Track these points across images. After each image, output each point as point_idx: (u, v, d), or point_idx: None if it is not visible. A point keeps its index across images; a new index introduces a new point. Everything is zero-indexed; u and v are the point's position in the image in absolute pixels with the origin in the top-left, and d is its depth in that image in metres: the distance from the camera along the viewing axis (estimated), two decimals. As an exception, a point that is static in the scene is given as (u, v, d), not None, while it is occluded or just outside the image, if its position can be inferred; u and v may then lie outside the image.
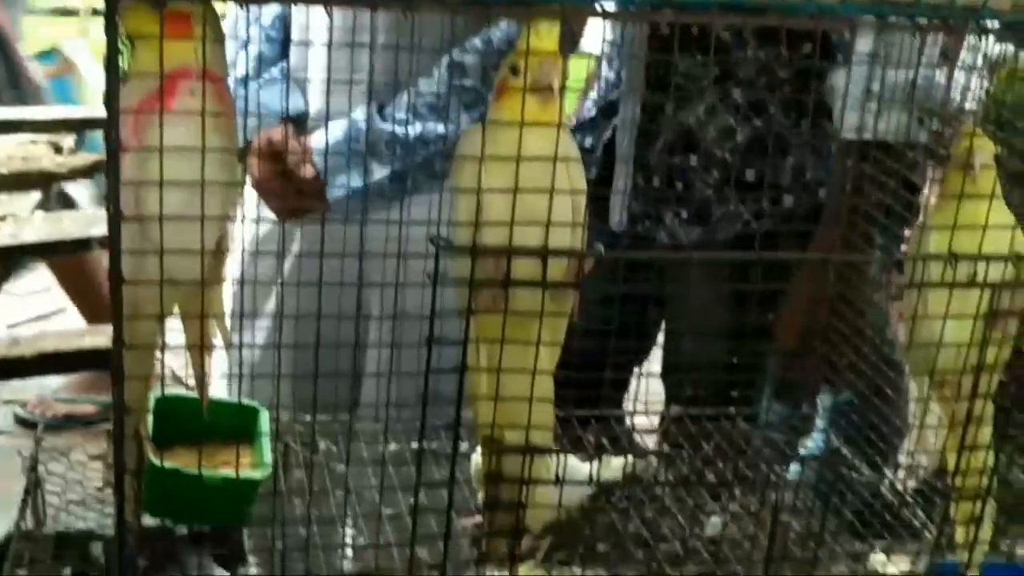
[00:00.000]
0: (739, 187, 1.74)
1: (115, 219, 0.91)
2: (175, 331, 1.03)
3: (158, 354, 1.02)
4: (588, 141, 1.90)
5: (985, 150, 1.08)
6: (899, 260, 1.13)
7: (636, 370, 1.88)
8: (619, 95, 1.85)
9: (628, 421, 1.64)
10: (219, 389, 1.19)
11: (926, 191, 1.49)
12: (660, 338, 1.96)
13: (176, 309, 1.02)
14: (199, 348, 1.00)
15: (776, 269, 1.34)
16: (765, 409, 1.75)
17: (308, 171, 1.51)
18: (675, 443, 1.57)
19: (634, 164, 1.78)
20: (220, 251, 0.99)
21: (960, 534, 1.14)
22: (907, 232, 1.45)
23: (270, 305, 1.57)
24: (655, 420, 1.60)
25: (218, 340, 1.05)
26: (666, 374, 1.86)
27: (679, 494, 1.46)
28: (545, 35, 0.99)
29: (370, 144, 1.51)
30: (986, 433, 1.21)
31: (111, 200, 0.91)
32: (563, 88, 1.01)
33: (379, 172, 1.54)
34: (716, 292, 1.68)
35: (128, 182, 0.91)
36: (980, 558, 1.26)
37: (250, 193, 1.70)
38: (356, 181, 1.49)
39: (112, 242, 0.91)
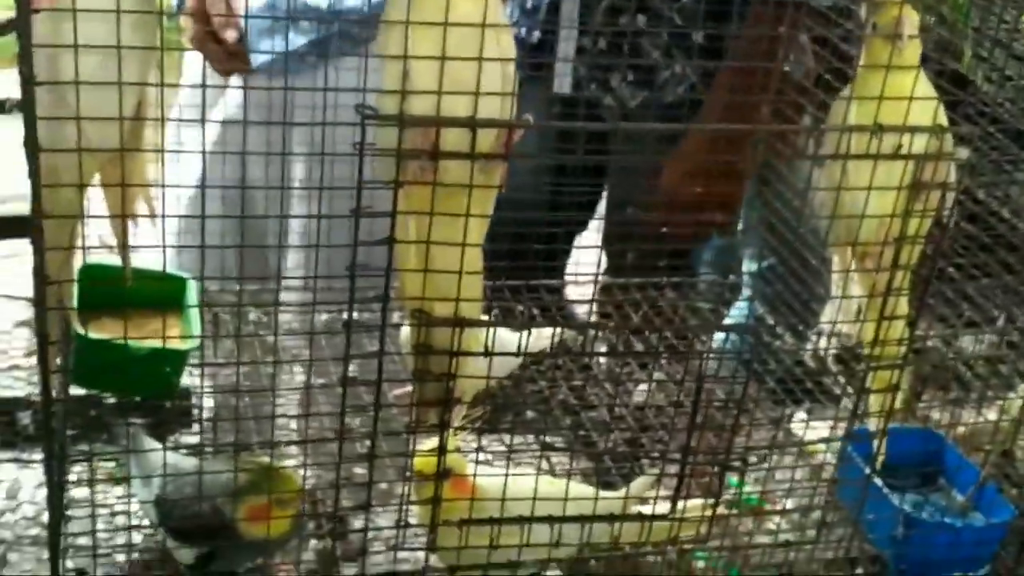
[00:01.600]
0: (686, 49, 1.73)
1: (28, 83, 0.88)
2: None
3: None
4: (530, 1, 1.87)
5: (912, 20, 1.08)
6: (823, 129, 1.13)
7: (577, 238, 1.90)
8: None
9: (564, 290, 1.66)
10: (150, 260, 1.18)
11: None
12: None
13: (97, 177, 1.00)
14: (121, 217, 0.98)
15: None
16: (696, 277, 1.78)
17: (231, 35, 1.49)
18: (606, 313, 1.60)
19: (579, 26, 1.76)
20: (139, 117, 0.96)
21: (876, 402, 1.18)
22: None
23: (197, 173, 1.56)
24: (588, 290, 1.62)
25: (143, 209, 1.04)
26: (608, 242, 1.88)
27: (608, 363, 1.49)
28: None
29: (290, 11, 1.50)
30: (904, 304, 1.24)
31: (23, 62, 0.87)
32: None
33: (299, 39, 1.54)
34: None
35: (41, 44, 0.88)
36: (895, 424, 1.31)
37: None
38: (278, 47, 1.48)
39: (26, 107, 0.88)
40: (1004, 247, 1.43)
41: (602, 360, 1.50)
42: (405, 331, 1.16)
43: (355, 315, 0.98)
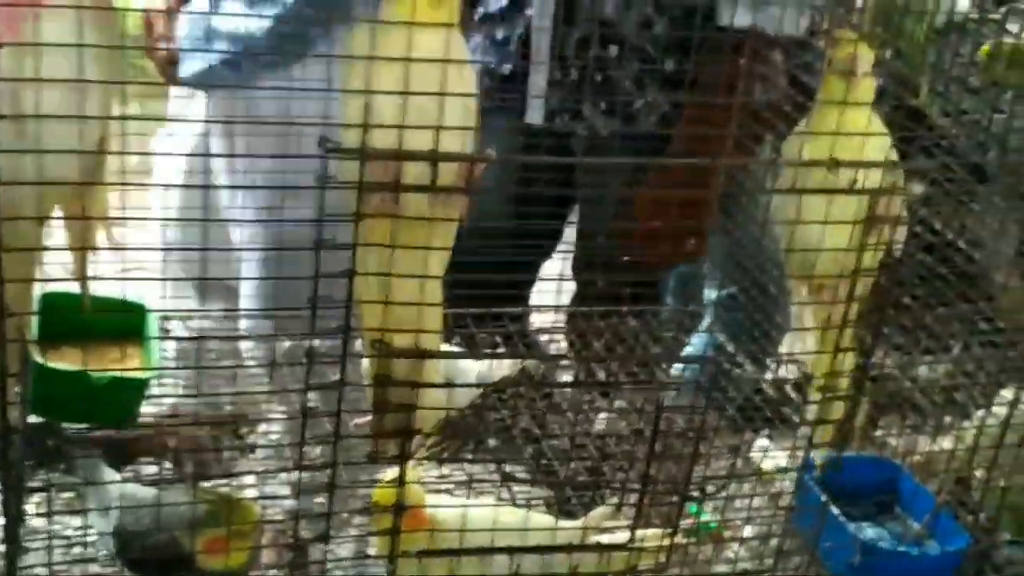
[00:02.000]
0: (657, 78, 1.74)
1: (-10, 117, 0.88)
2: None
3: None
4: (500, 33, 1.88)
5: (867, 57, 1.10)
6: (781, 163, 1.15)
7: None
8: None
9: (530, 318, 1.67)
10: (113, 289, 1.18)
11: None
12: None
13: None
14: (80, 249, 0.98)
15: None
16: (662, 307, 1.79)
17: (158, 54, 1.64)
18: (571, 341, 1.61)
19: (551, 57, 1.77)
20: (102, 150, 0.96)
21: (826, 431, 1.19)
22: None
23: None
24: (555, 317, 1.63)
25: (103, 240, 1.04)
26: (577, 270, 1.89)
27: (570, 391, 1.50)
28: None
29: (207, 33, 1.61)
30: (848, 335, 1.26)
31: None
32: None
33: (215, 59, 1.63)
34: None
35: (3, 79, 0.88)
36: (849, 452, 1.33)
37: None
38: (197, 66, 1.61)
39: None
40: (960, 277, 1.46)
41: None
42: (366, 362, 1.17)
43: (317, 344, 0.98)
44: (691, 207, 1.51)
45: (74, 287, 1.12)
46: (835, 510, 1.22)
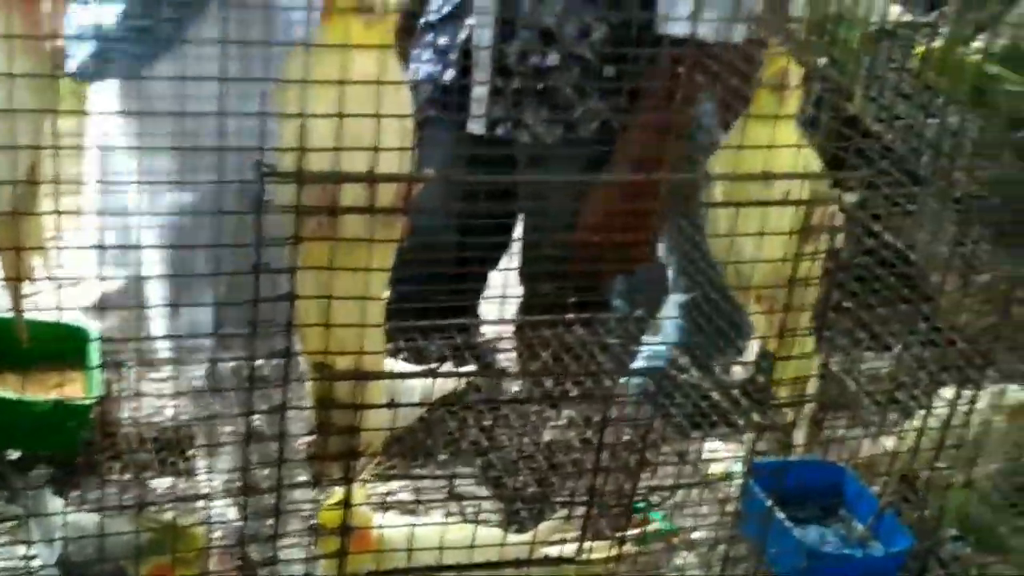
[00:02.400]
0: (598, 85, 1.76)
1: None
2: None
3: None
4: (442, 41, 1.88)
5: (795, 72, 1.12)
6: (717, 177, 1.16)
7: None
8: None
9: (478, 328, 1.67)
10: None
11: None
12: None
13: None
14: (15, 280, 0.97)
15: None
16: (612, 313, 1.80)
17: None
18: (519, 350, 1.61)
19: (492, 66, 1.78)
20: (34, 180, 0.96)
21: (778, 435, 1.21)
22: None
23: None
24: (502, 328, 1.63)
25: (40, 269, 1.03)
26: (523, 278, 1.90)
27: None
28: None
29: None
30: (808, 343, 1.28)
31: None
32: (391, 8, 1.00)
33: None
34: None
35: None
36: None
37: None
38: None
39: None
40: (899, 278, 1.48)
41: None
42: (309, 384, 1.17)
43: (260, 367, 0.98)
44: (635, 216, 1.52)
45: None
46: (780, 515, 1.23)
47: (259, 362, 0.97)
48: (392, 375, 1.05)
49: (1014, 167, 1.35)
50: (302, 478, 1.11)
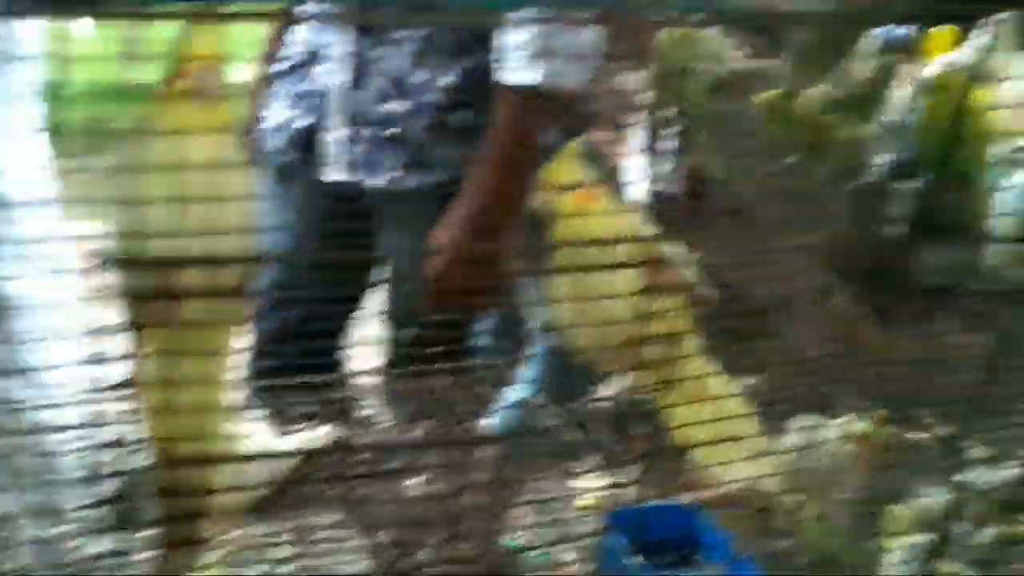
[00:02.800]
0: (450, 130, 1.77)
1: None
2: None
3: None
4: (299, 87, 1.88)
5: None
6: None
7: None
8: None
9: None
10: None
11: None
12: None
13: None
14: None
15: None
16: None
17: None
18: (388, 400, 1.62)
19: (348, 112, 1.79)
20: None
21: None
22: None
23: None
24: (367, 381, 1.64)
25: None
26: (388, 319, 1.91)
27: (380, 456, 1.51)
28: (207, 38, 0.98)
29: None
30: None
31: None
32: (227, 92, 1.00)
33: None
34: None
35: None
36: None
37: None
38: None
39: None
40: (752, 315, 1.53)
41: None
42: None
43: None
44: (483, 263, 1.55)
45: None
46: (638, 562, 1.26)
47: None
48: (237, 457, 1.05)
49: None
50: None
